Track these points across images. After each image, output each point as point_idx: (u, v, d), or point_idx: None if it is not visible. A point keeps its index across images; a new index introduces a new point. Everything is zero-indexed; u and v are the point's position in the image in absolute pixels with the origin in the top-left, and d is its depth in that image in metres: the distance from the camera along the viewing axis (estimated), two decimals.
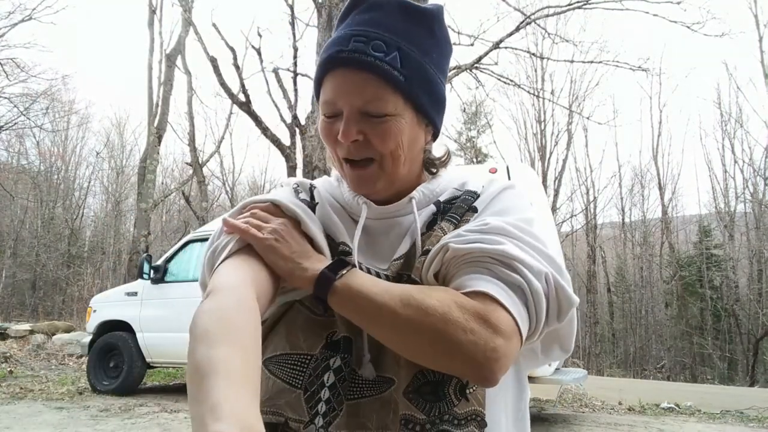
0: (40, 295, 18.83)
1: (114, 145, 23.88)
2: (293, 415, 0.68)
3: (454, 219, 0.74)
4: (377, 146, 0.71)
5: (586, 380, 6.15)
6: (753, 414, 6.26)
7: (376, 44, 0.69)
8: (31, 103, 14.44)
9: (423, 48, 0.72)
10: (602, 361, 18.82)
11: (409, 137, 0.73)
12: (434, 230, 0.74)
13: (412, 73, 0.71)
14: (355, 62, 0.69)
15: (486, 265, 0.65)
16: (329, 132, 0.74)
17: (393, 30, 0.71)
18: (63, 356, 9.30)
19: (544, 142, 19.41)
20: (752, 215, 17.95)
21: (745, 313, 16.76)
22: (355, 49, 0.69)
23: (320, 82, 0.74)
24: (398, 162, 0.73)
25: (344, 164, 0.75)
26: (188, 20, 11.65)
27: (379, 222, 0.78)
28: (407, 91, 0.70)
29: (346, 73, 0.70)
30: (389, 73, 0.69)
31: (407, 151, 0.73)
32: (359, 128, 0.71)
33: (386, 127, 0.70)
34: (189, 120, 14.24)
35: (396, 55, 0.70)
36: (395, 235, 0.76)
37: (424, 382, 0.66)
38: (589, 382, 7.57)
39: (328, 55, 0.71)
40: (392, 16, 0.72)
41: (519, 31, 9.27)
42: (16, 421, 4.89)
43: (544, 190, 6.50)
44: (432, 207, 0.78)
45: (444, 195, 0.79)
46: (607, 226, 21.96)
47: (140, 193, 13.39)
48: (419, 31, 0.73)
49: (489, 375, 0.60)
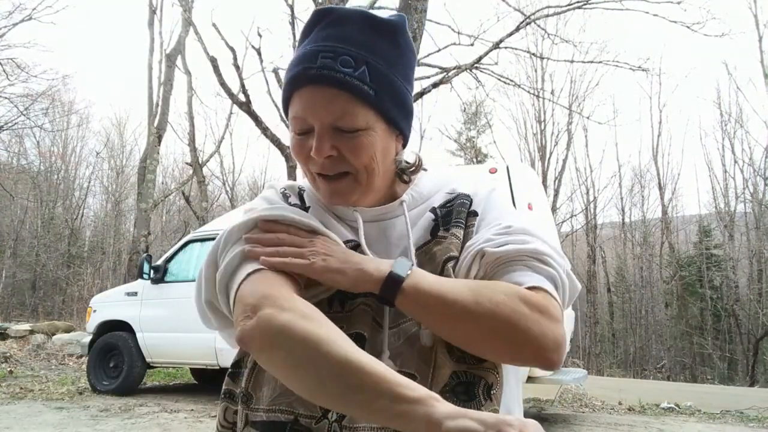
0: (40, 295, 18.84)
1: (114, 145, 23.92)
2: (305, 411, 0.68)
3: (460, 224, 0.77)
4: (351, 161, 0.72)
5: (586, 380, 6.15)
6: (753, 414, 6.26)
7: (344, 59, 0.70)
8: (31, 103, 14.44)
9: (389, 60, 0.73)
10: (602, 361, 18.82)
11: (382, 149, 0.74)
12: (447, 237, 0.76)
13: (381, 86, 0.71)
14: (324, 79, 0.69)
15: (524, 262, 0.71)
16: (301, 148, 0.74)
17: (359, 44, 0.71)
18: (63, 356, 9.30)
19: (544, 142, 19.41)
20: (752, 215, 17.95)
21: (745, 313, 16.77)
22: (323, 65, 0.69)
23: (289, 99, 0.74)
24: (373, 174, 0.74)
25: (318, 178, 0.76)
26: (188, 20, 11.65)
27: (371, 225, 0.79)
28: (377, 105, 0.71)
29: (316, 90, 0.70)
30: (359, 88, 0.70)
31: (381, 163, 0.74)
32: (332, 144, 0.71)
33: (359, 142, 0.71)
34: (189, 120, 14.26)
35: (364, 70, 0.70)
36: (396, 237, 0.78)
37: (458, 383, 0.68)
38: (589, 382, 7.57)
39: (296, 72, 0.71)
40: (357, 29, 0.72)
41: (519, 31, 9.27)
42: (16, 421, 4.89)
43: (544, 190, 6.50)
44: (429, 215, 0.79)
45: (436, 199, 0.81)
46: (607, 226, 21.96)
47: (140, 193, 13.39)
48: (384, 43, 0.73)
49: (557, 360, 0.66)
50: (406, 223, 0.77)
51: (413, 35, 7.31)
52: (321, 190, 0.77)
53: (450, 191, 0.82)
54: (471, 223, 0.77)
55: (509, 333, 0.64)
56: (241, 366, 0.76)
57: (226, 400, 0.77)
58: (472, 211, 0.78)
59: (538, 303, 0.66)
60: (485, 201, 0.79)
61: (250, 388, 0.72)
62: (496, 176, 5.10)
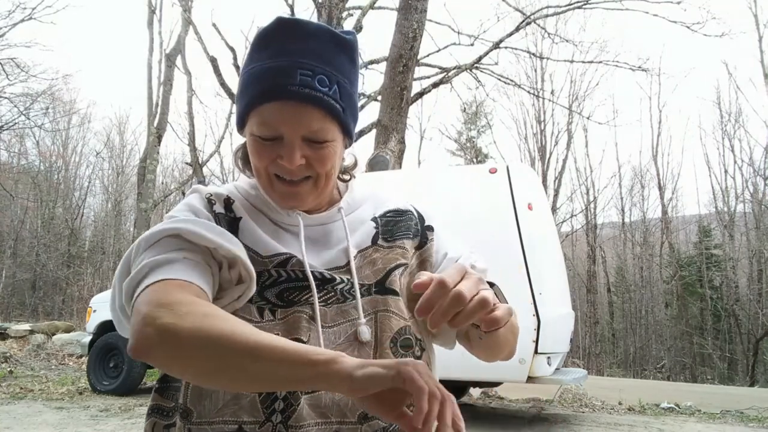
0: (40, 295, 18.84)
1: (114, 145, 23.93)
2: (249, 418, 0.70)
3: (408, 236, 0.87)
4: (316, 167, 0.77)
5: (586, 380, 6.15)
6: (753, 414, 6.26)
7: (321, 79, 0.75)
8: (32, 103, 14.44)
9: (350, 78, 0.79)
10: (602, 361, 18.83)
11: (339, 157, 0.81)
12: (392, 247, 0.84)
13: (347, 103, 0.78)
14: (304, 96, 0.74)
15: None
16: (264, 152, 0.77)
17: (330, 63, 0.76)
18: (63, 356, 9.29)
19: (544, 142, 19.43)
20: (752, 215, 17.95)
21: (745, 313, 16.76)
22: (303, 83, 0.74)
23: (256, 104, 0.76)
24: (330, 179, 0.80)
25: (276, 180, 0.79)
26: (188, 20, 11.66)
27: (312, 228, 0.83)
28: (343, 121, 0.78)
29: (295, 105, 0.74)
30: (332, 106, 0.75)
31: (336, 168, 0.81)
32: (302, 153, 0.76)
33: (326, 152, 0.77)
34: (189, 120, 14.24)
35: (336, 89, 0.76)
36: (335, 240, 0.83)
37: None
38: (589, 382, 7.57)
39: (275, 84, 0.74)
40: (326, 46, 0.77)
41: (519, 31, 9.29)
42: (16, 421, 4.89)
43: (544, 190, 6.50)
44: (371, 222, 0.87)
45: (368, 208, 0.89)
46: (607, 226, 21.97)
47: (140, 193, 13.40)
48: (346, 61, 0.79)
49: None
50: (344, 227, 0.83)
51: (413, 35, 7.31)
52: (277, 192, 0.80)
53: (392, 206, 0.91)
54: (430, 237, 0.88)
55: (516, 339, 0.81)
56: (168, 380, 0.78)
57: (155, 415, 0.77)
58: (428, 226, 0.90)
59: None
60: (435, 220, 0.92)
61: (189, 403, 0.72)
62: (496, 176, 5.10)
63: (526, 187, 5.11)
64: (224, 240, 0.72)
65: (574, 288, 17.98)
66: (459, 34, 9.28)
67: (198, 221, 0.74)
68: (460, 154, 22.29)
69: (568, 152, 19.31)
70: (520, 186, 5.01)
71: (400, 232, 0.86)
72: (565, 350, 5.53)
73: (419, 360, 0.70)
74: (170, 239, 0.72)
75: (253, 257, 0.75)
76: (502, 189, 4.99)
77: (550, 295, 4.94)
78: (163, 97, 13.79)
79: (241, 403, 0.70)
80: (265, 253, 0.77)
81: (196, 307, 0.63)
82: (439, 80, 9.27)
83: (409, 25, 7.22)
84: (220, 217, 0.79)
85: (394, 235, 0.86)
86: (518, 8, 9.97)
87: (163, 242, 0.72)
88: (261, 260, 0.76)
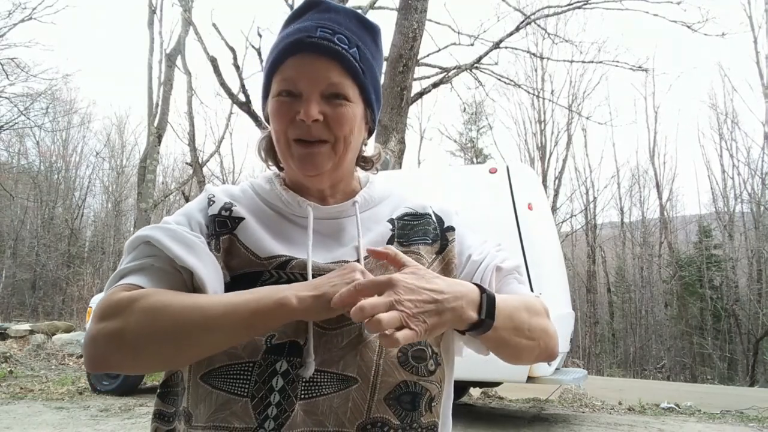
0: (40, 295, 18.84)
1: (114, 144, 23.93)
2: (240, 424, 0.67)
3: (426, 241, 0.82)
4: (334, 128, 0.76)
5: (586, 380, 6.15)
6: (753, 414, 6.26)
7: (340, 37, 0.75)
8: (31, 103, 14.43)
9: (372, 53, 0.80)
10: (602, 361, 18.83)
11: (358, 126, 0.79)
12: (406, 253, 0.78)
13: (367, 69, 0.78)
14: (322, 48, 0.74)
15: (514, 275, 0.84)
16: (285, 111, 0.76)
17: (351, 31, 0.78)
18: (63, 356, 9.29)
19: (544, 142, 19.43)
20: (751, 215, 17.96)
21: (745, 313, 16.76)
22: (322, 36, 0.74)
23: (279, 63, 0.76)
24: (348, 147, 0.78)
25: (294, 144, 0.77)
26: (188, 20, 11.66)
27: (324, 223, 0.81)
28: (363, 83, 0.77)
29: (313, 58, 0.74)
30: (352, 63, 0.75)
31: (355, 139, 0.79)
32: (320, 109, 0.75)
33: (344, 111, 0.75)
34: (189, 120, 14.24)
35: (356, 50, 0.76)
36: (347, 238, 0.81)
37: (405, 392, 0.71)
38: (589, 382, 7.57)
39: (295, 39, 0.75)
40: (349, 20, 0.79)
41: (519, 31, 9.29)
42: (16, 421, 4.89)
43: (544, 190, 6.50)
44: (387, 224, 0.83)
45: (385, 208, 0.86)
46: (607, 226, 21.96)
47: (140, 193, 13.40)
48: (369, 39, 0.80)
49: (558, 351, 0.81)
50: (357, 224, 0.81)
51: (413, 35, 7.31)
52: (295, 156, 0.77)
53: (409, 207, 0.87)
54: (451, 238, 0.84)
55: (546, 340, 0.77)
56: (169, 386, 0.77)
57: (157, 420, 0.77)
58: (448, 227, 0.85)
59: (544, 308, 0.79)
60: (456, 218, 0.88)
61: (190, 406, 0.72)
62: (497, 176, 5.10)
63: (526, 187, 5.11)
64: (183, 251, 0.71)
65: (574, 288, 17.99)
66: (459, 34, 9.28)
67: (168, 229, 0.74)
68: (460, 155, 22.31)
69: (567, 152, 19.33)
70: (520, 186, 5.01)
71: (417, 237, 0.82)
72: (565, 350, 5.53)
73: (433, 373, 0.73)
74: (144, 246, 0.74)
75: (252, 259, 0.75)
76: (502, 189, 5.00)
77: (550, 295, 4.94)
78: (163, 97, 13.79)
79: (233, 408, 0.68)
80: (263, 255, 0.75)
81: (137, 304, 0.66)
82: (439, 80, 9.27)
83: (409, 25, 7.21)
84: (213, 218, 0.78)
85: (410, 240, 0.82)
86: (518, 8, 9.97)
87: (140, 248, 0.75)
88: (259, 262, 0.75)
